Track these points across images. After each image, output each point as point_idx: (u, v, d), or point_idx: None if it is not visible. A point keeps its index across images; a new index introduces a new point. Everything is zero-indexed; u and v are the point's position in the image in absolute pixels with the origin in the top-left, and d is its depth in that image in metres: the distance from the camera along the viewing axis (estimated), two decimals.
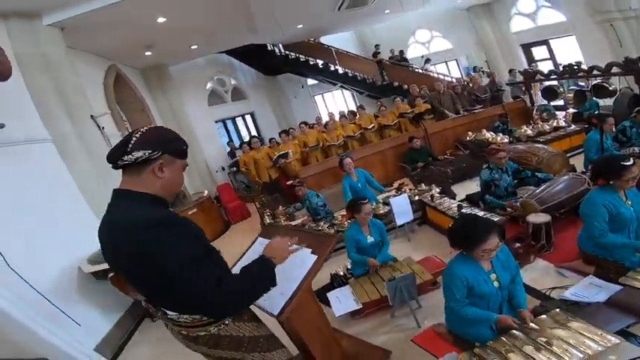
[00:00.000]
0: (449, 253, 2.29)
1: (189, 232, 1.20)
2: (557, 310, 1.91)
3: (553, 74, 6.60)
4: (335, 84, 11.37)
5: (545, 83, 7.01)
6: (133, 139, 1.19)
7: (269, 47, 10.41)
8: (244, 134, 10.87)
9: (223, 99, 10.46)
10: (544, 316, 1.87)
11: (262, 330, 1.46)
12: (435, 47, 12.14)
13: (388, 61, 11.00)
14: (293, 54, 10.73)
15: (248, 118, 11.14)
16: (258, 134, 10.34)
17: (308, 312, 1.84)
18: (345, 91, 12.24)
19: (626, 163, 2.29)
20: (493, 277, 1.96)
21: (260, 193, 6.03)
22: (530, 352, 1.64)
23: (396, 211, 3.99)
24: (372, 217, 3.26)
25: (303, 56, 10.75)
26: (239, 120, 10.97)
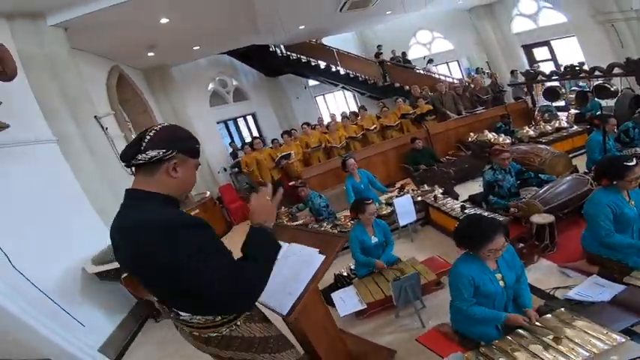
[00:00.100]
0: (452, 253, 2.29)
1: (207, 234, 1.18)
2: (562, 309, 1.92)
3: (555, 75, 6.60)
4: (336, 85, 11.37)
5: (546, 84, 7.01)
6: (147, 138, 1.18)
7: (271, 48, 10.43)
8: (246, 135, 10.87)
9: (225, 100, 10.46)
10: (549, 316, 1.87)
11: (272, 330, 1.45)
12: (437, 48, 12.15)
13: (390, 62, 11.00)
14: (295, 55, 10.74)
15: (250, 119, 11.16)
16: (260, 135, 10.31)
17: (315, 312, 1.85)
18: (346, 92, 12.24)
19: (630, 164, 2.31)
20: (499, 276, 1.97)
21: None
22: (537, 351, 1.64)
23: (399, 212, 4.00)
24: (376, 217, 3.27)
25: (305, 57, 10.77)
26: (240, 121, 10.98)
